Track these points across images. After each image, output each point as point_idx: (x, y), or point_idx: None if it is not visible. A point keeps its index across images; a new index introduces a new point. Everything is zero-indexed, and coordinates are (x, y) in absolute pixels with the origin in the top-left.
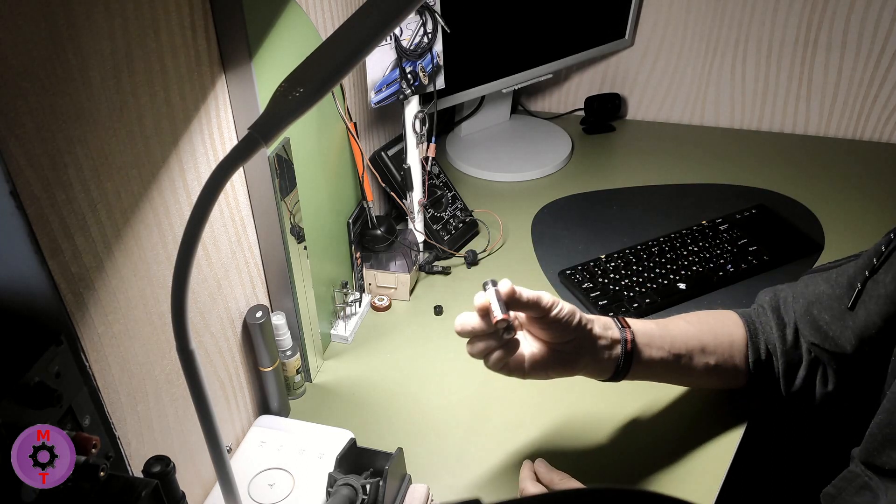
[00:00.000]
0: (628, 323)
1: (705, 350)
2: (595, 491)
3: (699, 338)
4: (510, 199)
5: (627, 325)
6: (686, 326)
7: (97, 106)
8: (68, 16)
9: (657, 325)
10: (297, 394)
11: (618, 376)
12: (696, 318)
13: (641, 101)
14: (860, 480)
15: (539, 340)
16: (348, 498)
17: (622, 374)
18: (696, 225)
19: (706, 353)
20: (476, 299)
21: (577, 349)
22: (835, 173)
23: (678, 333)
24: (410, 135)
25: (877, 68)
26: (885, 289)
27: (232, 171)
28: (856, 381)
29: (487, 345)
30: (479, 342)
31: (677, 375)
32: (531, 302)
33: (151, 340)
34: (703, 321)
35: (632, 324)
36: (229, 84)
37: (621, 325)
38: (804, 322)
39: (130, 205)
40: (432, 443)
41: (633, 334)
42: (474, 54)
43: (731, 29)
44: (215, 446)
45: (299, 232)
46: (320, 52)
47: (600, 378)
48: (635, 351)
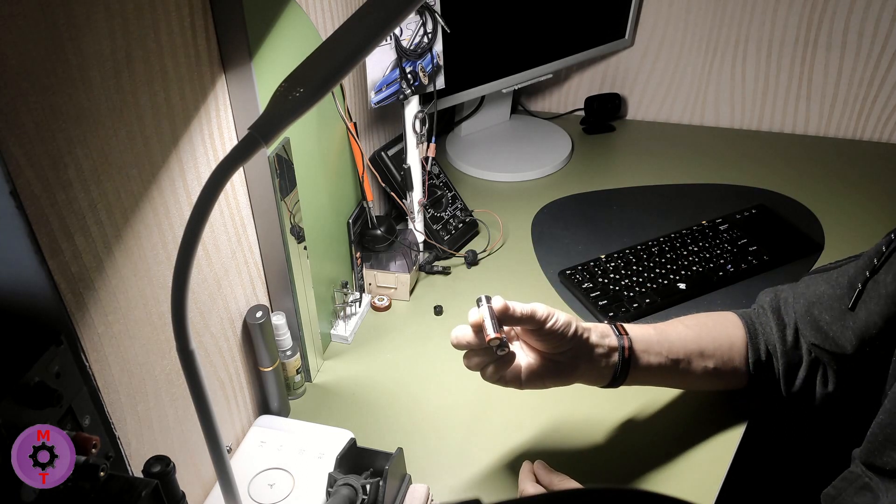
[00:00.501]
0: (626, 330)
1: (704, 353)
2: (594, 491)
3: (697, 341)
4: (510, 199)
5: (625, 331)
6: (684, 331)
7: (97, 106)
8: (68, 16)
9: (655, 330)
10: (297, 394)
11: (615, 383)
12: (694, 322)
13: (641, 101)
14: (861, 481)
15: (535, 351)
16: (348, 498)
17: (620, 381)
18: (696, 225)
19: (705, 357)
20: (470, 315)
21: (574, 358)
22: (835, 173)
23: (676, 338)
24: (410, 135)
25: (877, 68)
26: (886, 289)
27: (232, 171)
28: (856, 381)
29: (482, 359)
30: (475, 356)
31: (676, 380)
32: (525, 316)
33: (151, 340)
34: (702, 324)
35: (629, 330)
36: (229, 84)
37: (619, 331)
38: (804, 322)
39: (130, 205)
40: (432, 443)
41: (630, 341)
42: (474, 54)
43: (731, 29)
44: (215, 446)
45: (299, 232)
46: (320, 52)
47: (598, 385)
48: (633, 357)
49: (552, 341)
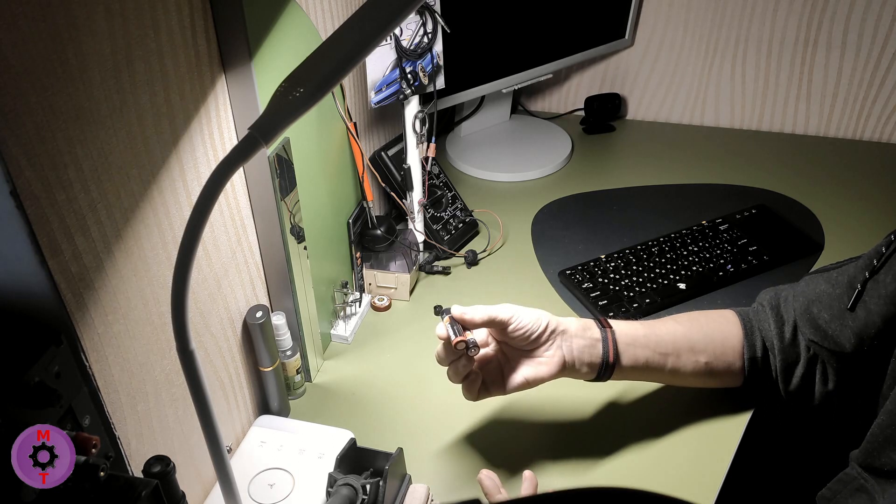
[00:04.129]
0: (609, 323)
1: (694, 348)
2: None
3: (688, 336)
4: (510, 199)
5: (608, 324)
6: (674, 326)
7: (97, 106)
8: (68, 16)
9: (643, 325)
10: (297, 394)
11: (602, 376)
12: (686, 318)
13: (641, 101)
14: (856, 483)
15: (514, 352)
16: (348, 498)
17: (607, 375)
18: (696, 225)
19: (696, 352)
20: (436, 330)
21: (554, 353)
22: (835, 173)
23: (665, 333)
24: (410, 135)
25: (877, 68)
26: (886, 289)
27: (232, 171)
28: (855, 380)
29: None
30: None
31: (667, 374)
32: (486, 320)
33: (151, 340)
34: (694, 319)
35: (614, 324)
36: (229, 84)
37: (602, 324)
38: (803, 320)
39: (130, 205)
40: (432, 443)
41: (613, 334)
42: (474, 54)
43: (731, 29)
44: (215, 446)
45: (299, 232)
46: (320, 52)
47: (585, 379)
48: (617, 350)
49: (524, 340)
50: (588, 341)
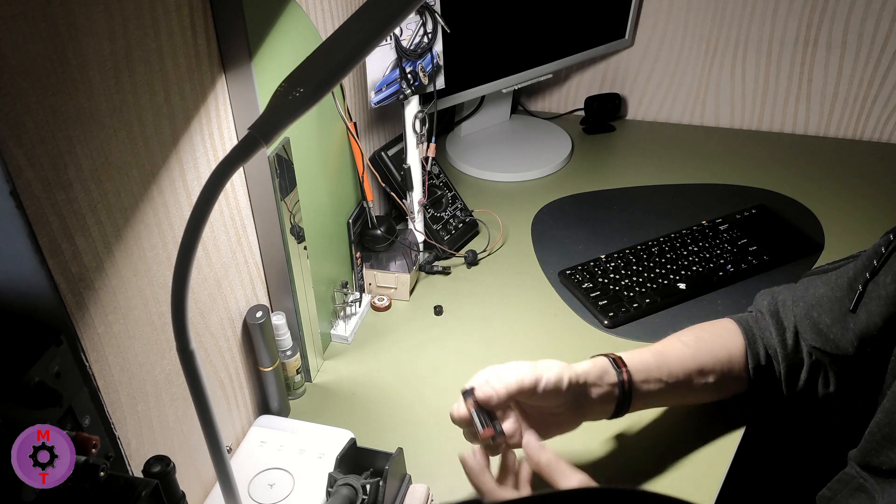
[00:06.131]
0: (624, 362)
1: (703, 370)
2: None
3: (696, 358)
4: (510, 199)
5: (623, 364)
6: (682, 349)
7: (97, 106)
8: (68, 16)
9: (653, 354)
10: (297, 394)
11: (618, 414)
12: (692, 338)
13: (641, 101)
14: (855, 482)
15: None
16: (348, 498)
17: (623, 412)
18: (696, 225)
19: (705, 374)
20: (454, 411)
21: (574, 405)
22: (835, 173)
23: (675, 360)
24: (410, 135)
25: (877, 68)
26: (886, 290)
27: (232, 171)
28: (856, 381)
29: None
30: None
31: (678, 399)
32: (511, 395)
33: (151, 340)
34: (700, 339)
35: (627, 361)
36: (229, 84)
37: (617, 365)
38: (805, 325)
39: (130, 205)
40: (432, 443)
41: (629, 374)
42: (474, 54)
43: (731, 29)
44: (215, 446)
45: (299, 232)
46: (320, 52)
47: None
48: (633, 389)
49: (548, 400)
50: (605, 388)
